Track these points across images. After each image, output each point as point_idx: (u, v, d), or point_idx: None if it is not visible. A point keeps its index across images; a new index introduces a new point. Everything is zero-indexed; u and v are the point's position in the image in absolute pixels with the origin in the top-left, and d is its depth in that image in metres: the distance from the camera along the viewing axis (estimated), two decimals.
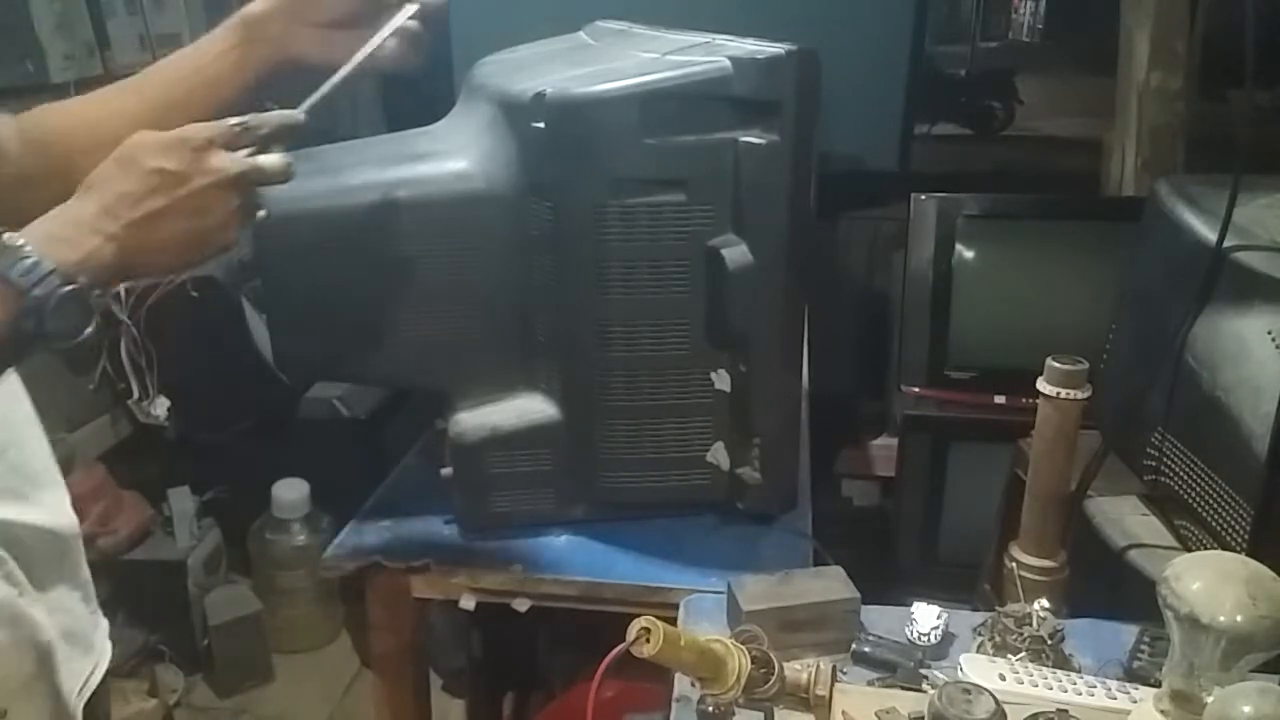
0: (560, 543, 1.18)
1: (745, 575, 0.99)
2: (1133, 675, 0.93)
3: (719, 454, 1.16)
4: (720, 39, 1.10)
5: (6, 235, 0.70)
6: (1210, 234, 1.11)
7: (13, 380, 0.85)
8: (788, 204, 1.06)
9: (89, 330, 0.72)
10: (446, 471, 1.20)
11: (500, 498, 1.18)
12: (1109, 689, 0.87)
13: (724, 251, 1.06)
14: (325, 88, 0.90)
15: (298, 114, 0.85)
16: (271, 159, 0.81)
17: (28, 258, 0.69)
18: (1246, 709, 0.68)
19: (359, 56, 0.91)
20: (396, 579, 1.16)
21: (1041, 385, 1.06)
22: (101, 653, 0.92)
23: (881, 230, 2.46)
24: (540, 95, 1.04)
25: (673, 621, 0.91)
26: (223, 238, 0.79)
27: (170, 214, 0.75)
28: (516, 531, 1.18)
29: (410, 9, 0.93)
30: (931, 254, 2.00)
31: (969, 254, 2.00)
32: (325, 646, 2.33)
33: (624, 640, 0.72)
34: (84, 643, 0.88)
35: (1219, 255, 1.10)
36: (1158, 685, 0.83)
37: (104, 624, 0.93)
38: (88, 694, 0.87)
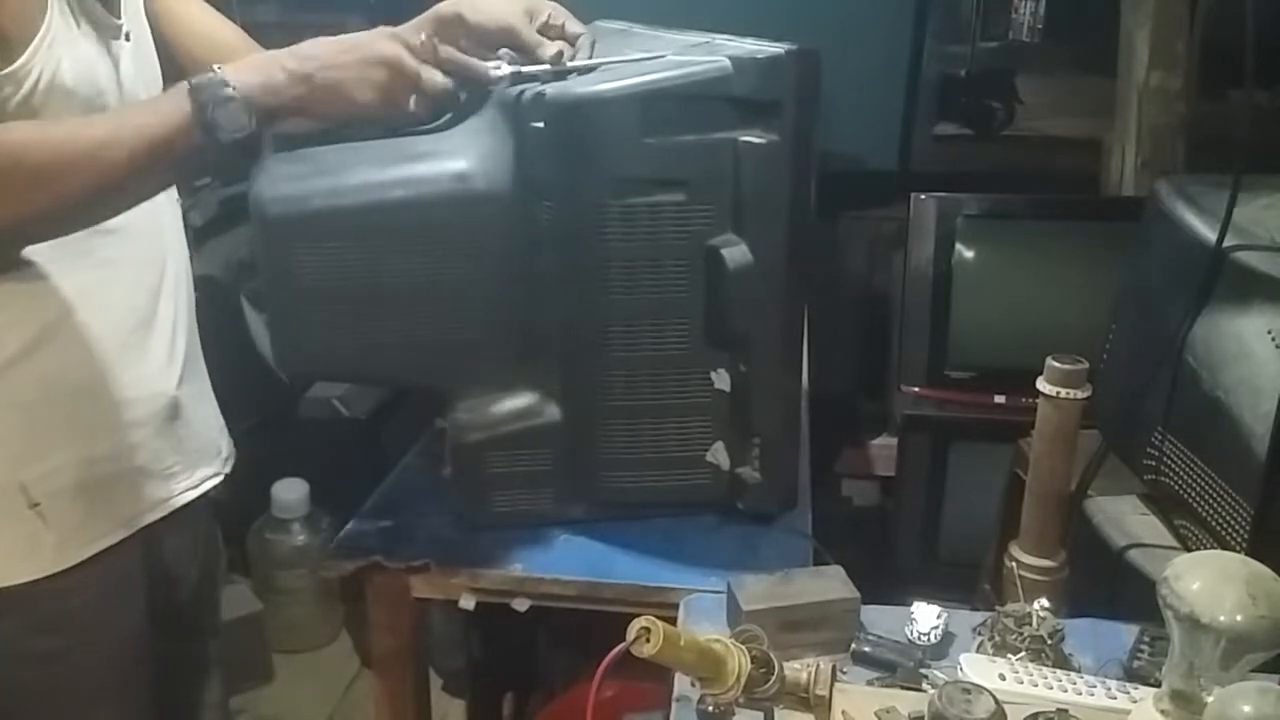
0: (560, 542, 1.18)
1: (745, 575, 0.99)
2: (1133, 675, 0.93)
3: (719, 454, 1.16)
4: (720, 39, 1.10)
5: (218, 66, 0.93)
6: (1210, 234, 1.11)
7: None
8: (788, 204, 1.06)
9: (246, 131, 0.91)
10: (446, 471, 1.20)
11: (500, 497, 1.18)
12: (1109, 689, 0.87)
13: (724, 251, 1.06)
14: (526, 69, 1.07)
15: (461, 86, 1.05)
16: (436, 75, 1.00)
17: (211, 74, 0.91)
18: (1246, 709, 0.68)
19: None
20: (396, 579, 1.16)
21: (1041, 385, 1.06)
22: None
23: (881, 230, 2.46)
24: (540, 95, 1.04)
25: (673, 621, 0.91)
26: (373, 109, 0.98)
27: (338, 67, 0.95)
28: (516, 531, 1.18)
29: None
30: (931, 254, 2.00)
31: (969, 254, 2.00)
32: (325, 646, 2.32)
33: (624, 640, 0.72)
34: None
35: (1219, 255, 1.10)
36: (1158, 685, 0.83)
37: None
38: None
